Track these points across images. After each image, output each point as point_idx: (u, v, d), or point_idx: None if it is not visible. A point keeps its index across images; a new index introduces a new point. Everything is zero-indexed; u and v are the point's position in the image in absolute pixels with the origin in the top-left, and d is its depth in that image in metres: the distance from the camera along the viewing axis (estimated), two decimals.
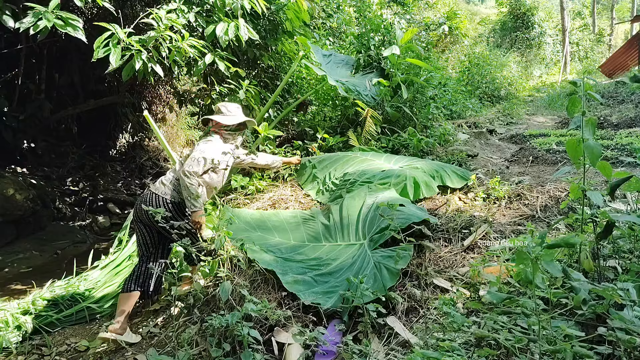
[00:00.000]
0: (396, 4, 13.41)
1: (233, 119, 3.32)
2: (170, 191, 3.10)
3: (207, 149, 3.13)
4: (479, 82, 13.42)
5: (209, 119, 3.35)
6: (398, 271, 2.72)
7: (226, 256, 2.86)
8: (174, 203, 3.10)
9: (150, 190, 3.15)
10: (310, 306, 2.63)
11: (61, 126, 7.42)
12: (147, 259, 3.09)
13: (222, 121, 3.28)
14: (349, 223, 3.45)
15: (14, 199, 5.70)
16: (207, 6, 5.00)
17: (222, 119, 3.29)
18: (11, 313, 3.23)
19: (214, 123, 3.32)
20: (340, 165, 4.50)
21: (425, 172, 4.18)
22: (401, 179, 3.93)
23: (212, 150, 3.16)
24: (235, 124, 3.35)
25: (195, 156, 3.07)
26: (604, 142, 5.91)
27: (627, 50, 15.85)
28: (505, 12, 22.67)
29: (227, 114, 3.34)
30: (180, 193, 3.09)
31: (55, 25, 3.43)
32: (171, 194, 3.09)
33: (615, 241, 2.27)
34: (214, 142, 3.22)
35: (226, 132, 3.33)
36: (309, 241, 3.39)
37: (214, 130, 3.33)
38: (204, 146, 3.14)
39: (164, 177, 3.21)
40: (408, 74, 6.11)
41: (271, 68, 6.85)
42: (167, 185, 3.12)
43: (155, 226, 2.99)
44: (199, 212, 2.99)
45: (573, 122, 2.00)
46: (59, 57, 6.85)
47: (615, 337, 1.50)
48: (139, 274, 3.04)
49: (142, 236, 3.11)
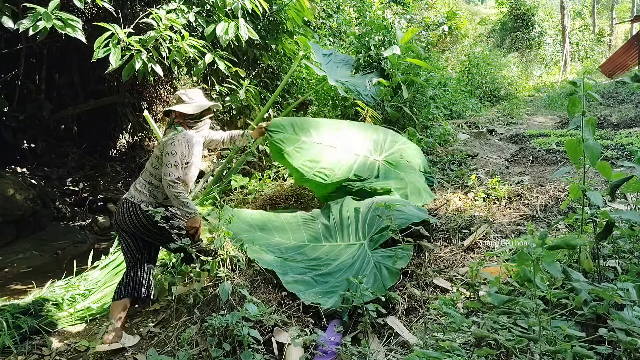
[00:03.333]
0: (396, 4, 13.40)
1: (196, 106, 3.05)
2: (147, 198, 2.95)
3: (177, 149, 2.89)
4: (479, 82, 13.43)
5: (170, 110, 3.09)
6: (398, 271, 2.73)
7: (226, 256, 2.86)
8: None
9: (124, 198, 3.00)
10: (310, 306, 2.63)
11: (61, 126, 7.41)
12: (134, 265, 3.02)
13: (184, 111, 3.01)
14: (349, 223, 3.46)
15: (14, 199, 5.69)
16: (207, 6, 5.00)
17: (184, 108, 3.02)
18: (11, 313, 3.23)
19: (177, 114, 3.05)
20: (317, 129, 4.23)
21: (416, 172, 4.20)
22: (403, 184, 3.92)
23: (182, 148, 2.91)
24: (200, 112, 3.08)
25: (170, 162, 2.86)
26: (604, 142, 5.91)
27: (627, 50, 15.85)
28: (505, 12, 22.65)
29: (189, 102, 3.06)
30: (156, 197, 2.96)
31: (55, 26, 3.43)
32: (148, 201, 2.94)
33: (615, 241, 2.27)
34: (181, 137, 2.94)
35: (191, 121, 3.07)
36: (309, 241, 3.39)
37: (178, 122, 3.06)
38: (173, 147, 2.89)
39: (138, 182, 3.04)
40: (408, 74, 6.11)
41: (271, 68, 6.85)
42: (142, 191, 2.96)
43: (137, 232, 2.93)
44: (195, 217, 2.92)
45: (573, 122, 2.00)
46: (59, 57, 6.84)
47: (615, 338, 1.50)
48: (127, 281, 2.98)
49: (126, 243, 3.02)
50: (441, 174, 4.95)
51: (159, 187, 2.97)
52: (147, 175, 3.02)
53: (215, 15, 4.91)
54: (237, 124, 6.07)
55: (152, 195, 2.96)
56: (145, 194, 2.95)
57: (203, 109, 3.08)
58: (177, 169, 2.86)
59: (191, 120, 3.07)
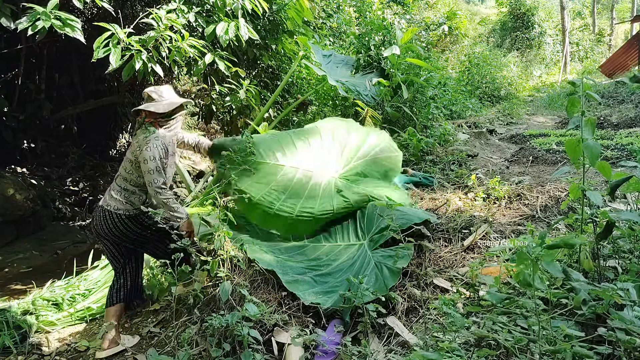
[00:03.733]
0: (396, 4, 13.40)
1: (167, 104, 2.88)
2: (124, 205, 2.84)
3: (155, 154, 2.75)
4: (479, 82, 13.43)
5: (140, 109, 2.92)
6: (399, 270, 2.72)
7: (226, 256, 2.86)
8: (129, 217, 2.85)
9: (100, 205, 2.89)
10: (310, 306, 2.63)
11: (61, 126, 7.41)
12: (122, 270, 2.99)
13: (155, 110, 2.84)
14: (348, 223, 3.45)
15: (14, 199, 5.69)
16: (207, 6, 5.00)
17: (155, 107, 2.85)
18: (11, 313, 3.23)
19: (147, 113, 2.89)
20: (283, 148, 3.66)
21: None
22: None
23: (159, 151, 2.78)
24: (171, 110, 2.91)
25: (151, 168, 2.73)
26: (604, 142, 5.91)
27: (627, 50, 15.85)
28: (505, 12, 22.65)
29: (159, 100, 2.89)
30: (133, 204, 2.86)
31: (54, 26, 3.43)
32: (125, 208, 2.84)
33: (615, 241, 2.27)
34: (154, 141, 2.79)
35: (163, 120, 2.91)
36: (309, 241, 3.39)
37: (149, 121, 2.89)
38: (151, 153, 2.75)
39: (112, 189, 2.91)
40: (408, 74, 6.11)
41: (271, 68, 6.85)
42: (119, 199, 2.84)
43: (117, 240, 2.88)
44: (186, 221, 2.87)
45: (572, 122, 2.00)
46: (59, 57, 6.84)
47: (615, 338, 1.50)
48: (118, 287, 2.95)
49: (109, 251, 2.96)
50: (441, 174, 4.94)
51: (135, 193, 2.88)
52: (121, 180, 2.91)
53: (215, 15, 4.91)
54: (237, 124, 6.06)
55: (128, 202, 2.86)
56: (122, 201, 2.85)
57: (175, 107, 2.92)
58: (160, 174, 2.76)
59: (162, 119, 2.91)
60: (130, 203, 2.86)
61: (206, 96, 6.11)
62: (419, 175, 4.74)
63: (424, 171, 5.07)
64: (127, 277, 2.99)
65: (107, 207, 2.84)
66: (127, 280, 2.99)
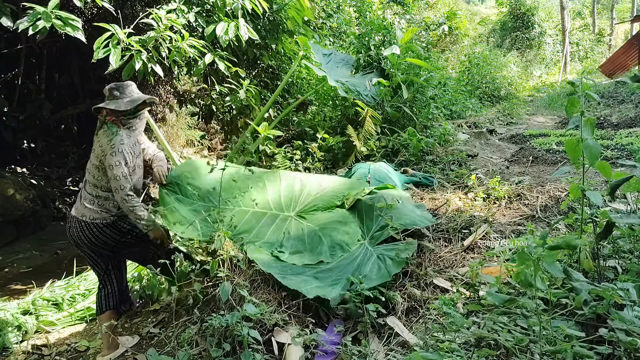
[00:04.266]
0: (396, 4, 13.41)
1: (129, 101, 2.70)
2: (99, 214, 2.72)
3: (120, 159, 2.61)
4: (479, 82, 13.43)
5: (100, 107, 2.75)
6: (402, 260, 2.73)
7: (226, 256, 2.86)
8: (107, 225, 2.74)
9: (74, 216, 2.75)
10: (310, 306, 2.63)
11: (61, 126, 7.42)
12: (107, 277, 2.91)
13: (116, 107, 2.67)
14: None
15: (14, 199, 5.70)
16: (207, 6, 5.00)
17: (116, 104, 2.67)
18: (11, 313, 3.23)
19: (108, 111, 2.71)
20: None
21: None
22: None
23: (124, 155, 2.64)
24: (134, 107, 2.72)
25: (117, 174, 2.59)
26: (604, 142, 5.91)
27: (627, 50, 15.85)
28: (505, 12, 22.66)
29: (120, 97, 2.70)
30: (109, 210, 2.74)
31: (54, 26, 3.43)
32: (101, 217, 2.72)
33: (615, 241, 2.27)
34: (119, 145, 2.64)
35: (125, 118, 2.72)
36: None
37: (110, 120, 2.72)
38: (116, 157, 2.60)
39: (84, 198, 2.76)
40: (408, 74, 6.11)
41: (271, 68, 6.85)
42: (93, 208, 2.71)
43: (98, 247, 2.79)
44: (155, 227, 2.75)
45: (572, 122, 2.00)
46: (59, 57, 6.84)
47: (615, 338, 1.50)
48: (106, 294, 2.89)
49: (91, 258, 2.87)
50: (441, 174, 4.94)
51: (109, 199, 2.74)
52: (91, 188, 2.76)
53: (215, 15, 4.92)
54: (237, 124, 6.07)
55: (103, 210, 2.73)
56: (96, 210, 2.71)
57: (137, 104, 2.73)
58: (127, 179, 2.62)
59: (125, 117, 2.72)
60: (105, 210, 2.73)
61: (206, 96, 6.11)
62: (419, 175, 4.74)
63: (424, 171, 5.07)
64: (113, 283, 2.91)
65: (82, 218, 2.70)
66: (114, 286, 2.91)
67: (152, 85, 7.13)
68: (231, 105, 5.91)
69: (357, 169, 4.50)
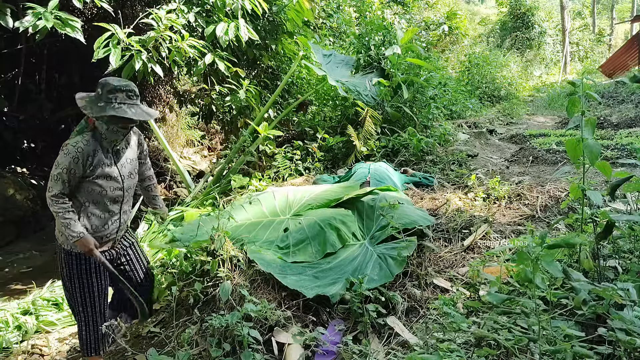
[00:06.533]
0: (396, 4, 13.41)
1: (99, 108, 2.30)
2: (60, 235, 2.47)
3: (62, 160, 2.26)
4: (479, 82, 13.42)
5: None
6: (404, 259, 2.74)
7: (226, 256, 2.86)
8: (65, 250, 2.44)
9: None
10: (310, 306, 2.63)
11: (61, 126, 7.42)
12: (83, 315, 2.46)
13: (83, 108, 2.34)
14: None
15: (14, 199, 5.70)
16: (207, 6, 5.00)
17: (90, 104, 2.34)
18: (11, 313, 3.23)
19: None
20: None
21: None
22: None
23: (70, 159, 2.25)
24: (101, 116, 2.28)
25: (53, 173, 2.29)
26: (604, 142, 5.91)
27: (627, 50, 15.85)
28: (505, 12, 22.66)
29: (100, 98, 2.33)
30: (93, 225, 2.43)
31: (54, 26, 3.43)
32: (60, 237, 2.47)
33: (615, 241, 2.27)
34: (72, 146, 2.29)
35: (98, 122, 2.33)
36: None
37: (90, 122, 2.39)
38: (59, 158, 2.29)
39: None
40: (408, 74, 6.11)
41: (271, 68, 6.85)
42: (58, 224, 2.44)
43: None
44: (80, 241, 2.33)
45: (572, 121, 2.00)
46: (59, 57, 6.84)
47: (615, 338, 1.50)
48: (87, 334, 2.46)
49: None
50: (441, 174, 4.94)
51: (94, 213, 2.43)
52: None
53: (215, 15, 4.92)
54: (237, 124, 6.07)
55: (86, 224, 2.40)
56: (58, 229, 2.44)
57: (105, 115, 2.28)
58: (59, 183, 2.30)
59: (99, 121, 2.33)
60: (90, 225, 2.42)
61: (206, 96, 6.11)
62: (419, 175, 4.74)
63: (424, 171, 5.07)
64: (88, 325, 2.45)
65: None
66: (90, 327, 2.46)
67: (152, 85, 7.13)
68: (231, 106, 5.91)
69: (357, 168, 4.50)
